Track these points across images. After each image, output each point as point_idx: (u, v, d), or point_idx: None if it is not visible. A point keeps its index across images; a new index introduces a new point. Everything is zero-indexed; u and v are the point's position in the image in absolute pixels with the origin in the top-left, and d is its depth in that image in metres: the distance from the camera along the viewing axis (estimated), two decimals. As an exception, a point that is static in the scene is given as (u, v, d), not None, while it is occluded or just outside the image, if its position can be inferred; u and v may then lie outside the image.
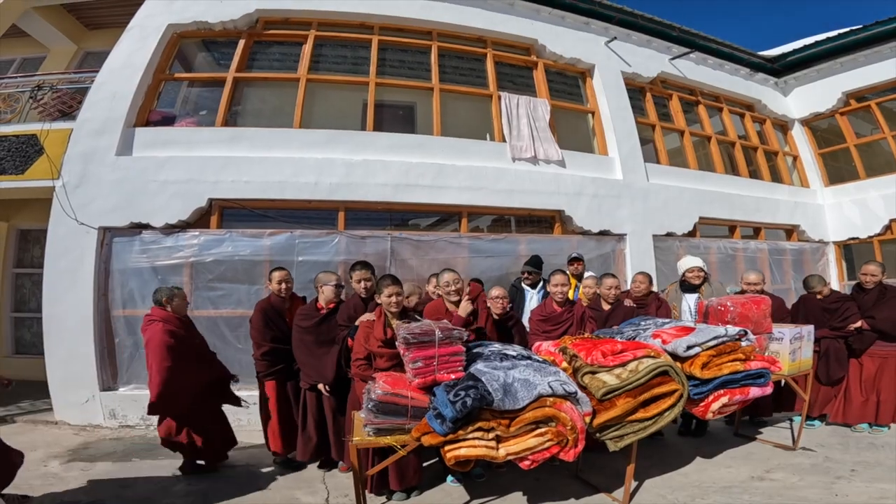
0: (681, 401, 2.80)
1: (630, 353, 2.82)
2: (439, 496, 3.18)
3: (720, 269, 7.05)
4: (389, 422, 2.54)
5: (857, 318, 4.15)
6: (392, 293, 3.07)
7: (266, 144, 5.44)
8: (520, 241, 6.04)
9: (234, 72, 5.82)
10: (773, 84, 9.43)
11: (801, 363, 3.76)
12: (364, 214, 5.71)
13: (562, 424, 2.51)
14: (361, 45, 6.40)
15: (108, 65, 5.52)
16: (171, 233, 5.05)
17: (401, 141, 5.91)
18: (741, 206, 7.73)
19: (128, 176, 5.09)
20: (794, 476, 3.24)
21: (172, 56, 5.96)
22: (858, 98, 8.88)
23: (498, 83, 6.71)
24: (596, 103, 7.26)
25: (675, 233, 6.94)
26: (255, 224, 5.26)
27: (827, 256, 8.83)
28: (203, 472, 3.59)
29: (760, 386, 3.14)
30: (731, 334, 3.12)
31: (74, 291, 4.86)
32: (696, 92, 8.46)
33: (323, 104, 6.51)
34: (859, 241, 8.67)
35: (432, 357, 2.59)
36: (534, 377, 2.56)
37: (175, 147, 5.29)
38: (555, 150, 6.45)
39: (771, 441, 3.96)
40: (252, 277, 5.07)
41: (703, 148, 8.31)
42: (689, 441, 4.11)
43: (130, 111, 5.32)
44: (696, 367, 2.93)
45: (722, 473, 3.37)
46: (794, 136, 9.49)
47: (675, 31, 7.94)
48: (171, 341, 3.39)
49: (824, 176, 9.33)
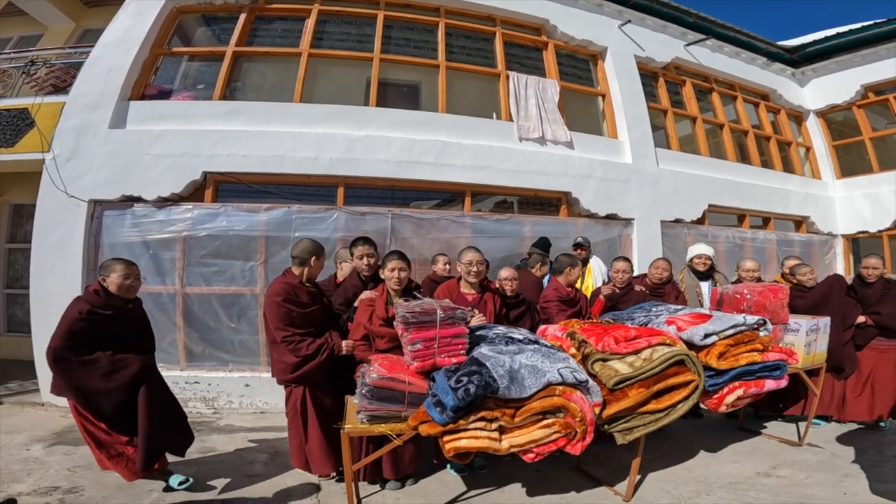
0: (696, 392, 2.65)
1: (644, 340, 2.66)
2: (435, 485, 3.07)
3: (727, 259, 6.91)
4: (385, 409, 2.38)
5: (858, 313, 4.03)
6: (395, 267, 2.95)
7: (266, 118, 5.30)
8: (524, 222, 5.90)
9: (234, 46, 5.69)
10: (790, 74, 9.24)
11: (815, 356, 3.62)
12: (365, 192, 5.55)
13: (570, 415, 2.34)
14: (367, 21, 6.20)
15: (104, 39, 5.41)
16: (163, 206, 4.90)
17: (405, 117, 5.73)
18: (751, 196, 7.59)
19: (121, 149, 4.96)
20: (801, 473, 3.15)
21: (171, 31, 5.84)
22: (877, 91, 8.72)
23: (506, 63, 6.52)
24: (607, 86, 7.06)
25: (683, 219, 6.81)
26: (252, 199, 5.11)
27: (835, 249, 8.74)
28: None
29: (776, 378, 3.00)
30: (749, 323, 2.97)
31: (63, 266, 4.73)
32: (711, 79, 8.26)
33: (326, 80, 6.35)
34: (868, 235, 8.57)
35: (433, 339, 2.41)
36: (542, 363, 2.39)
37: (171, 121, 5.16)
38: (563, 132, 6.28)
39: (776, 436, 3.87)
40: (247, 253, 4.92)
41: (714, 136, 8.13)
42: (691, 433, 4.00)
43: (125, 85, 5.21)
44: (712, 356, 2.78)
45: (727, 468, 3.27)
46: (809, 128, 9.34)
47: (692, 16, 7.74)
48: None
49: (836, 168, 9.19)
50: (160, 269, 4.83)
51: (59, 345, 2.66)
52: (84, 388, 2.68)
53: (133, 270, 2.92)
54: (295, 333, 2.88)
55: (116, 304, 2.84)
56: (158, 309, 4.75)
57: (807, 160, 9.22)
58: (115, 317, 2.82)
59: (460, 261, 3.34)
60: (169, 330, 4.78)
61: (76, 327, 2.68)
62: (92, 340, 2.71)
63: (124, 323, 2.88)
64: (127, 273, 2.87)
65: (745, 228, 7.63)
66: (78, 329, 2.69)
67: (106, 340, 2.76)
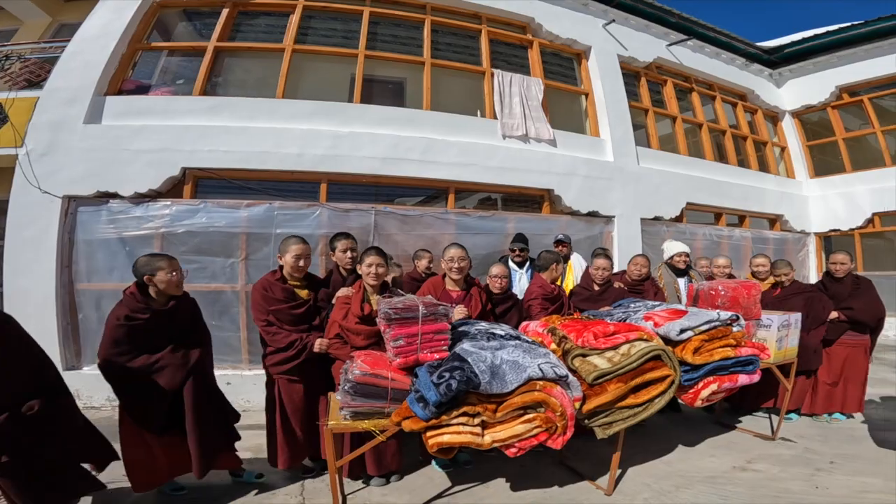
0: (672, 387, 2.71)
1: (622, 336, 2.70)
2: (421, 481, 3.08)
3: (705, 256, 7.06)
4: (368, 405, 2.37)
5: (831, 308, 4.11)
6: (373, 263, 2.92)
7: (248, 114, 5.23)
8: (508, 219, 5.95)
9: (216, 41, 5.60)
10: (768, 75, 9.46)
11: (786, 351, 3.71)
12: (350, 188, 5.52)
13: (551, 410, 2.38)
14: (352, 17, 6.16)
15: (81, 34, 5.29)
16: (140, 202, 4.81)
17: (390, 114, 5.72)
18: (728, 194, 7.78)
19: (97, 145, 4.85)
20: (776, 467, 3.22)
21: (150, 25, 5.73)
22: (852, 93, 8.97)
23: (491, 61, 6.55)
24: (590, 85, 7.14)
25: (662, 217, 6.95)
26: (233, 195, 5.04)
27: (808, 247, 9.01)
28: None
29: (749, 373, 3.07)
30: (723, 319, 3.03)
31: (37, 264, 4.60)
32: (691, 79, 8.43)
33: (310, 76, 6.28)
34: (840, 234, 8.84)
35: (415, 335, 2.41)
36: (523, 359, 2.42)
37: (149, 116, 5.06)
38: (546, 130, 6.33)
39: (751, 430, 3.95)
40: (228, 250, 4.86)
41: (693, 135, 8.29)
42: (671, 427, 4.08)
43: (101, 79, 5.10)
44: (687, 351, 2.84)
45: (705, 462, 3.33)
46: (784, 128, 9.59)
47: (674, 17, 7.88)
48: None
49: (810, 168, 9.45)
50: (138, 266, 4.73)
51: (104, 354, 2.59)
52: (124, 394, 2.64)
53: (176, 264, 2.78)
54: (270, 324, 2.99)
55: (154, 305, 2.72)
56: (136, 306, 4.66)
57: (782, 160, 9.47)
58: (155, 318, 2.68)
59: (443, 258, 3.36)
60: (148, 328, 4.70)
61: (117, 334, 2.59)
62: (137, 345, 2.62)
63: (167, 322, 2.74)
64: (174, 268, 2.75)
65: (722, 226, 7.83)
66: (120, 336, 2.59)
67: (150, 343, 2.66)
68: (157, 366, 2.64)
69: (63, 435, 2.44)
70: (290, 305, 3.06)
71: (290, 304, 3.06)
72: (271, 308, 3.01)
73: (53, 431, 2.37)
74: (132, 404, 2.66)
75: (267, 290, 3.05)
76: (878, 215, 8.47)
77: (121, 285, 4.64)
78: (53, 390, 2.45)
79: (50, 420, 2.34)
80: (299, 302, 3.11)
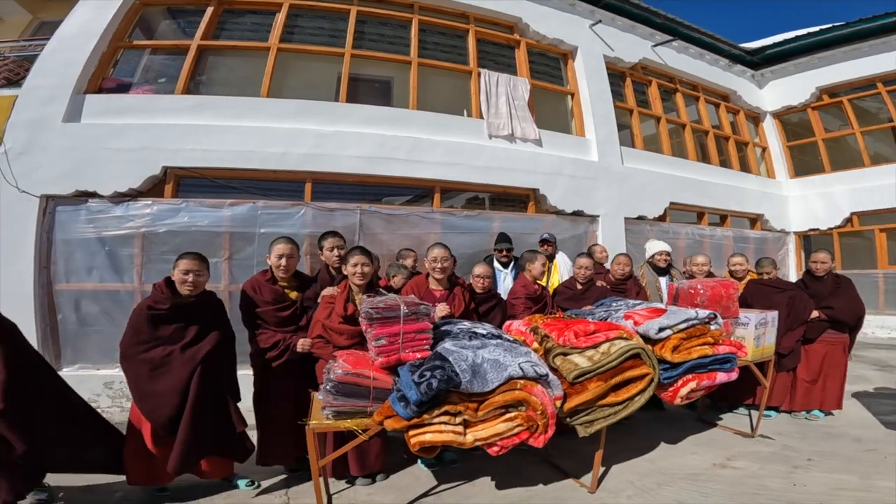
0: (651, 385, 2.74)
1: (602, 335, 2.73)
2: (407, 480, 3.08)
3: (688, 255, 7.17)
4: (350, 404, 2.37)
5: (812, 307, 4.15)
6: (358, 262, 2.92)
7: (232, 113, 5.19)
8: (494, 218, 5.97)
9: (200, 40, 5.54)
10: (750, 76, 9.59)
11: (764, 349, 3.75)
12: (336, 187, 5.51)
13: (532, 409, 2.39)
14: (340, 16, 6.12)
15: (61, 31, 5.21)
16: (120, 202, 4.75)
17: (377, 113, 5.71)
18: (710, 194, 7.90)
19: (77, 143, 4.79)
20: (755, 464, 3.26)
21: (133, 23, 5.66)
22: (831, 94, 9.12)
23: (479, 61, 6.57)
24: (576, 85, 7.20)
25: (646, 216, 7.04)
26: (215, 194, 4.99)
27: (787, 246, 9.18)
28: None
29: (727, 371, 3.10)
30: (701, 317, 3.07)
31: (15, 264, 4.52)
32: (675, 80, 8.53)
33: (296, 75, 6.25)
34: (819, 233, 9.00)
35: (397, 334, 2.42)
36: (504, 358, 2.43)
37: (130, 115, 5.01)
38: (532, 129, 6.37)
39: (731, 428, 3.99)
40: (211, 249, 4.78)
41: (677, 135, 8.40)
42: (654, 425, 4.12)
43: (81, 78, 5.04)
44: (666, 350, 2.87)
45: (687, 460, 3.37)
46: (765, 128, 9.74)
47: (660, 17, 7.97)
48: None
49: (790, 168, 9.61)
50: (117, 267, 4.68)
51: (124, 341, 2.67)
52: (136, 387, 2.67)
53: (191, 265, 2.77)
54: (256, 324, 3.02)
55: (176, 300, 2.74)
56: (117, 307, 4.61)
57: (762, 160, 9.63)
58: (175, 312, 2.71)
59: (426, 257, 3.36)
60: (129, 329, 4.64)
61: (138, 324, 2.66)
62: (156, 337, 2.67)
63: (186, 319, 2.76)
64: (186, 269, 2.75)
65: (704, 225, 7.95)
66: (140, 326, 2.66)
67: (167, 338, 2.69)
68: (167, 360, 2.67)
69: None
70: (277, 308, 3.07)
71: (277, 305, 3.08)
72: (258, 309, 3.03)
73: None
74: (142, 399, 2.68)
75: (256, 291, 3.07)
76: (856, 215, 8.66)
77: (100, 286, 4.65)
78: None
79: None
80: (286, 304, 3.11)
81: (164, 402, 2.64)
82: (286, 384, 3.05)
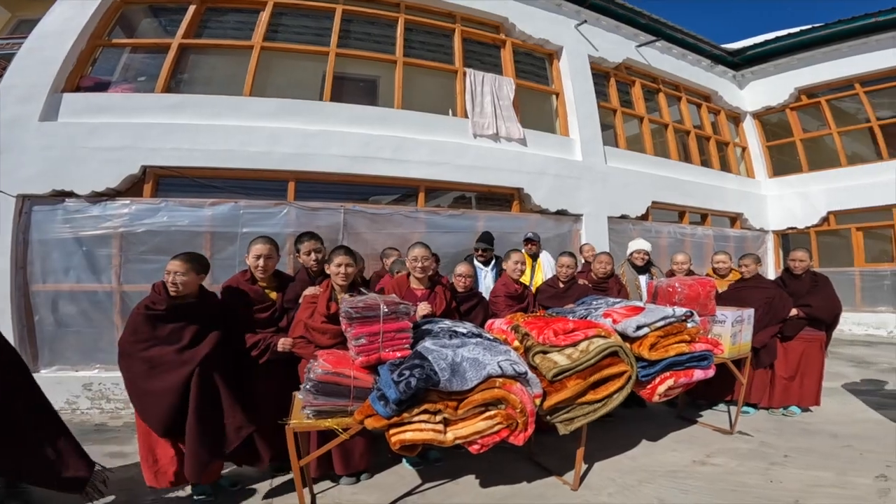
0: (629, 383, 2.77)
1: (581, 333, 2.76)
2: (391, 479, 3.08)
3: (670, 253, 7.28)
4: (331, 403, 2.37)
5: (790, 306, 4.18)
6: (342, 263, 2.90)
7: (214, 112, 5.14)
8: (478, 217, 6.01)
9: (181, 38, 5.47)
10: (731, 77, 9.74)
11: (741, 346, 3.78)
12: (321, 186, 5.48)
13: (511, 407, 2.41)
14: (325, 14, 6.08)
15: (39, 30, 5.14)
16: (97, 201, 4.68)
17: (361, 113, 5.69)
18: (692, 193, 8.03)
19: (53, 142, 4.71)
20: (734, 461, 3.30)
21: (113, 21, 5.57)
22: (810, 94, 9.28)
23: (464, 60, 6.59)
24: (561, 85, 7.25)
25: (629, 215, 7.13)
26: (196, 193, 4.94)
27: (766, 244, 9.36)
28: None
29: (704, 368, 3.14)
30: (678, 315, 3.11)
31: (-9, 265, 4.42)
32: (658, 80, 8.63)
33: (280, 74, 6.21)
34: (797, 231, 9.19)
35: (376, 333, 2.42)
36: (483, 356, 2.45)
37: (109, 113, 4.94)
38: (517, 129, 6.41)
39: (711, 424, 4.04)
40: (192, 249, 4.63)
41: (660, 135, 8.50)
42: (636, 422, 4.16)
43: (59, 76, 4.97)
44: (644, 347, 2.90)
45: (667, 457, 3.41)
46: (745, 129, 9.90)
47: (644, 18, 8.05)
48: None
49: (769, 167, 9.78)
50: (95, 267, 4.60)
51: (123, 340, 2.66)
52: (133, 386, 2.64)
53: (174, 266, 2.69)
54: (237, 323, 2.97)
55: (173, 301, 2.70)
56: (95, 308, 4.56)
57: (742, 160, 9.80)
58: (172, 314, 2.69)
59: (408, 257, 3.37)
60: (107, 329, 4.58)
61: (136, 323, 2.65)
62: (154, 336, 2.65)
63: (186, 320, 2.72)
64: (167, 269, 2.70)
65: (685, 224, 8.07)
66: (138, 325, 2.64)
67: (164, 338, 2.66)
68: (164, 360, 2.64)
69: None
70: (256, 309, 3.04)
71: (257, 306, 3.04)
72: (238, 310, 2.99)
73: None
74: (137, 398, 2.65)
75: (236, 292, 3.03)
76: (833, 214, 8.86)
77: (77, 286, 4.58)
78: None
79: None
80: (266, 305, 3.08)
81: (159, 401, 2.61)
82: (268, 385, 3.01)
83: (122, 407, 4.48)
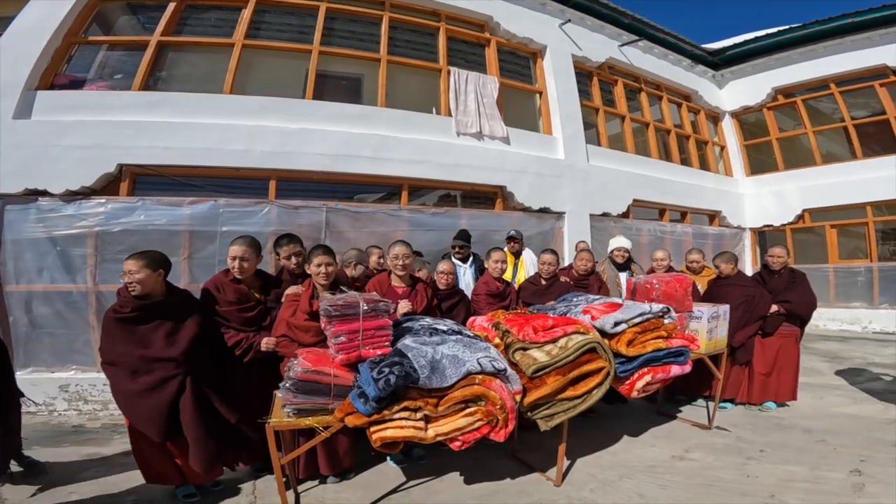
0: (608, 379, 2.81)
1: (560, 329, 2.78)
2: (375, 477, 3.09)
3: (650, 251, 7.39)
4: (311, 402, 2.36)
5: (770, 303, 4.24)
6: (322, 262, 2.88)
7: (192, 110, 5.07)
8: (461, 215, 6.03)
9: (160, 35, 5.37)
10: (711, 77, 9.91)
11: (717, 342, 3.84)
12: (302, 185, 5.45)
13: (491, 403, 2.42)
14: (308, 12, 6.03)
15: (14, 27, 5.00)
16: (71, 200, 4.58)
17: (343, 111, 5.66)
18: (672, 191, 8.17)
19: (26, 141, 4.61)
20: (711, 456, 3.36)
21: (89, 19, 5.45)
22: (786, 94, 9.47)
23: (449, 59, 6.59)
24: (544, 84, 7.30)
25: (610, 213, 7.22)
26: (174, 192, 4.87)
27: (743, 242, 9.56)
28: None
29: (680, 364, 3.17)
30: (655, 311, 3.14)
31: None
32: (640, 79, 8.74)
33: (262, 72, 6.12)
34: (773, 229, 9.41)
35: (356, 331, 2.41)
36: (463, 353, 2.46)
37: (83, 111, 4.84)
38: (500, 128, 6.44)
39: (689, 420, 4.10)
40: (170, 249, 4.55)
41: (641, 134, 8.62)
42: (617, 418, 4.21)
43: (33, 74, 4.87)
44: (622, 343, 2.94)
45: (647, 452, 3.46)
46: (724, 128, 10.09)
47: (627, 18, 8.15)
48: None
49: (746, 166, 9.98)
50: (70, 267, 4.52)
51: (101, 347, 2.64)
52: (117, 390, 2.61)
53: (128, 265, 2.61)
54: (217, 322, 2.94)
55: (139, 302, 2.63)
56: (70, 308, 4.47)
57: (721, 158, 9.99)
58: (143, 314, 2.63)
59: (388, 254, 3.37)
60: (82, 330, 4.50)
61: (108, 328, 2.63)
62: (126, 341, 2.60)
63: (159, 319, 2.66)
64: (125, 270, 2.62)
65: (665, 222, 8.21)
66: (110, 330, 2.62)
67: (137, 339, 2.61)
68: (141, 360, 2.60)
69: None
70: (239, 308, 3.01)
71: (239, 306, 3.01)
72: (221, 309, 2.96)
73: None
74: (121, 400, 2.62)
75: (219, 290, 3.00)
76: (807, 211, 9.09)
77: (51, 287, 4.49)
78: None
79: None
80: (249, 304, 3.05)
81: (142, 402, 2.58)
82: (251, 384, 2.99)
83: (99, 408, 4.41)
